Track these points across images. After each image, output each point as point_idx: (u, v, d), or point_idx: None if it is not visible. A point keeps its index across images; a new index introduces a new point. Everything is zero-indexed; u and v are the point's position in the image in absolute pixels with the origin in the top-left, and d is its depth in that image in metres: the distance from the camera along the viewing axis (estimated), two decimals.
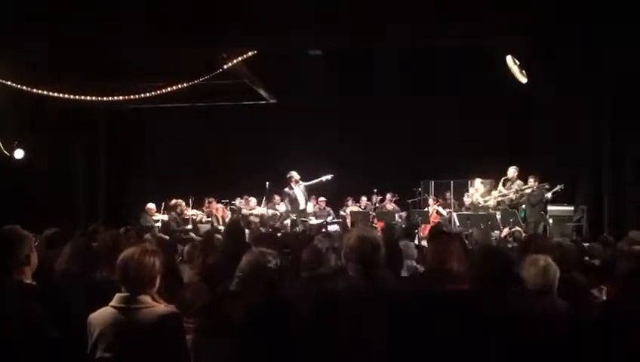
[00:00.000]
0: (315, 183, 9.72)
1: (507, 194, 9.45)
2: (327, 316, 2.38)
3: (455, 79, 9.44)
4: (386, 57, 9.21)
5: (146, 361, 2.35)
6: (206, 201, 10.63)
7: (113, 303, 2.40)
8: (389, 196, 10.96)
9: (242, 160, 11.54)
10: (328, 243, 4.01)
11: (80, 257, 3.07)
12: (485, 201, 9.75)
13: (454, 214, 9.99)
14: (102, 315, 2.39)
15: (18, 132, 8.98)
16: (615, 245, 4.86)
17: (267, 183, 11.00)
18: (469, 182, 10.32)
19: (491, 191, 9.90)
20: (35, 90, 7.68)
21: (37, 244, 2.62)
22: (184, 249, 4.75)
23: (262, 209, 10.91)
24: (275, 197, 11.05)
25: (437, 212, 10.48)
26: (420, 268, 3.96)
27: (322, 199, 11.17)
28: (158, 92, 8.31)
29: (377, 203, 11.15)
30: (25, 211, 7.88)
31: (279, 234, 7.52)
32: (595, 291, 3.41)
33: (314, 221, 10.31)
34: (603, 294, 3.39)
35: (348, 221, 10.38)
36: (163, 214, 10.04)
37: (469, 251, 4.59)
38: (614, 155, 9.01)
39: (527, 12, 6.03)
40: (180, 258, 4.78)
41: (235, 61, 7.49)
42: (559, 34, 6.35)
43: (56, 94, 7.86)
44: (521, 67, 7.01)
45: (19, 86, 7.47)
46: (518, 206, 9.38)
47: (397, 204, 10.99)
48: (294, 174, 9.48)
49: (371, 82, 10.12)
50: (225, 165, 11.66)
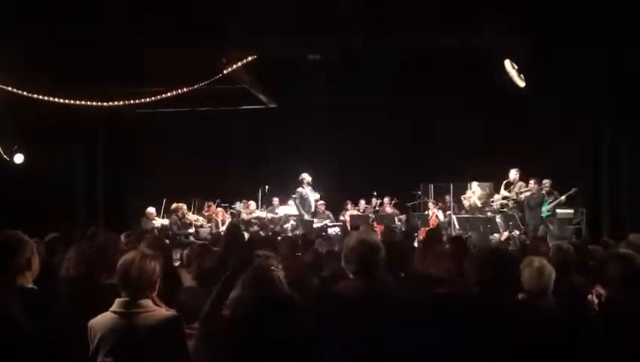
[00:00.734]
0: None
1: (509, 196, 9.47)
2: (328, 319, 2.39)
3: (454, 81, 9.46)
4: (385, 61, 9.24)
5: None
6: (205, 205, 10.65)
7: (114, 308, 2.40)
8: (388, 199, 10.97)
9: (242, 164, 11.56)
10: (328, 246, 4.03)
11: (81, 262, 3.08)
12: (490, 204, 9.75)
13: (454, 217, 10.00)
14: (103, 320, 2.39)
15: (18, 136, 8.99)
16: (614, 248, 4.87)
17: (266, 187, 11.02)
18: (469, 185, 10.33)
19: (492, 194, 9.91)
20: (35, 95, 7.68)
21: (38, 249, 2.61)
22: (184, 253, 4.76)
23: (261, 212, 10.92)
24: (274, 200, 11.06)
25: (436, 215, 10.49)
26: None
27: (321, 203, 11.18)
28: (159, 97, 8.32)
29: (377, 206, 11.16)
30: (25, 215, 7.87)
31: (279, 237, 7.53)
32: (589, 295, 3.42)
33: (315, 224, 10.33)
34: (594, 296, 3.39)
35: (347, 224, 10.39)
36: (163, 218, 10.04)
37: (470, 254, 4.60)
38: (612, 156, 9.02)
39: (527, 12, 6.05)
40: (180, 262, 4.78)
41: (235, 66, 7.51)
42: (559, 34, 6.37)
43: (55, 99, 7.87)
44: (519, 71, 7.03)
45: (18, 91, 7.48)
46: (524, 207, 9.41)
47: (396, 208, 10.99)
48: (306, 176, 9.68)
49: (370, 86, 10.14)
50: (224, 169, 11.67)
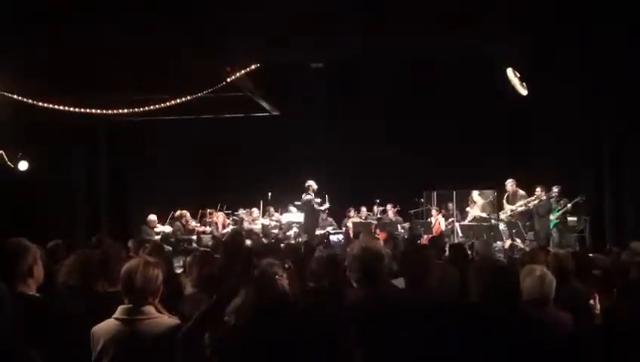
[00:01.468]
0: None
1: (515, 209, 9.42)
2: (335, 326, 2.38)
3: (456, 89, 9.48)
4: (387, 69, 9.27)
5: None
6: (207, 213, 10.65)
7: (117, 315, 2.40)
8: (390, 206, 10.96)
9: (245, 171, 11.57)
10: (324, 253, 4.02)
11: (83, 269, 3.08)
12: (491, 213, 9.72)
13: (457, 225, 9.98)
14: (106, 327, 2.39)
15: (21, 143, 9.02)
16: (619, 256, 4.86)
17: (269, 194, 11.02)
18: (471, 195, 10.29)
19: (494, 202, 9.88)
20: (38, 103, 7.72)
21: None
22: (186, 260, 4.75)
23: (264, 220, 10.92)
24: (270, 208, 11.08)
25: (439, 223, 10.47)
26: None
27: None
28: (162, 105, 8.35)
29: (379, 213, 11.14)
30: (27, 222, 7.89)
31: (282, 245, 7.53)
32: (590, 300, 3.41)
33: (318, 231, 10.32)
34: (597, 303, 3.38)
35: (350, 232, 10.37)
36: (166, 225, 10.05)
37: (472, 262, 4.60)
38: (612, 164, 9.00)
39: (527, 14, 6.07)
40: (183, 269, 4.78)
41: (239, 74, 7.54)
42: (559, 35, 6.37)
43: (58, 107, 7.91)
44: (521, 80, 7.04)
45: (21, 98, 7.52)
46: (531, 215, 9.38)
47: (399, 215, 10.98)
48: (312, 183, 9.69)
49: (372, 94, 10.18)
50: (227, 176, 11.69)
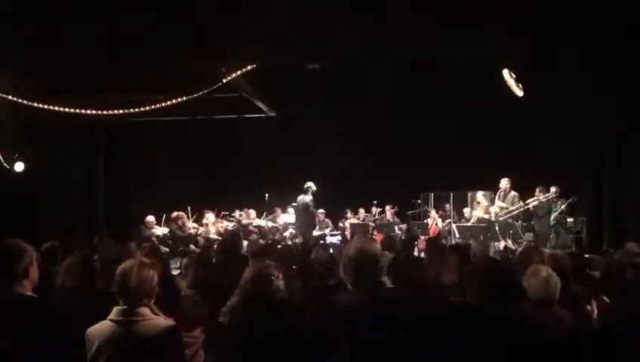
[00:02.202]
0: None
1: (506, 207, 9.43)
2: (332, 328, 2.38)
3: (454, 91, 9.49)
4: (385, 69, 9.28)
5: None
6: (205, 214, 10.63)
7: (111, 316, 2.39)
8: (388, 208, 10.96)
9: (242, 172, 11.56)
10: (325, 254, 4.02)
11: (80, 270, 3.07)
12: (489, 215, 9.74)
13: (454, 226, 9.99)
14: (100, 328, 2.38)
15: (18, 144, 9.00)
16: (613, 256, 4.86)
17: (266, 195, 11.01)
18: (470, 195, 10.31)
19: (493, 202, 9.91)
20: (35, 104, 7.70)
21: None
22: (182, 262, 4.74)
23: (261, 221, 10.91)
24: (277, 209, 11.05)
25: (436, 224, 10.48)
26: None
27: (321, 211, 11.17)
28: (158, 105, 8.34)
29: (377, 214, 11.15)
30: (25, 223, 7.87)
31: (279, 246, 7.51)
32: (587, 306, 3.41)
33: (315, 233, 10.31)
34: (594, 306, 3.38)
35: (347, 233, 10.37)
36: (163, 227, 10.03)
37: (470, 263, 4.59)
38: (612, 166, 9.02)
39: (527, 14, 6.08)
40: (179, 271, 4.77)
41: (235, 75, 7.54)
42: (559, 35, 6.38)
43: (56, 108, 7.89)
44: (517, 80, 7.05)
45: (18, 100, 7.50)
46: (530, 216, 9.38)
47: (396, 216, 10.98)
48: (312, 185, 9.71)
49: (370, 95, 10.18)
50: (225, 177, 11.68)
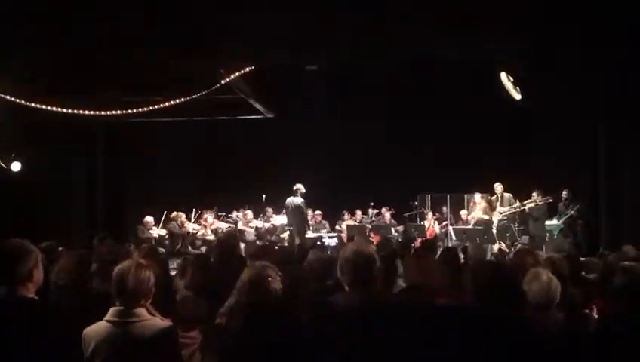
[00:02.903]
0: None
1: (504, 211, 9.46)
2: (329, 330, 2.38)
3: (453, 94, 9.51)
4: (384, 71, 9.29)
5: None
6: (203, 215, 10.63)
7: (108, 317, 2.40)
8: (385, 210, 10.98)
9: (239, 173, 11.56)
10: (322, 256, 4.03)
11: (76, 269, 3.07)
12: (490, 216, 9.76)
13: (450, 228, 10.01)
14: (97, 329, 2.39)
15: (16, 144, 8.98)
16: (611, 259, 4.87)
17: (263, 196, 11.01)
18: (467, 197, 10.33)
19: (492, 205, 9.93)
20: (34, 104, 7.69)
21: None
22: (180, 262, 4.73)
23: (259, 222, 10.90)
24: (268, 209, 11.03)
25: (433, 226, 10.49)
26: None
27: (318, 213, 11.18)
28: (157, 106, 8.34)
29: (374, 216, 11.16)
30: (26, 223, 7.86)
31: (276, 247, 7.51)
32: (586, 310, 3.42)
33: (310, 234, 10.31)
34: (595, 310, 3.39)
35: (344, 234, 10.38)
36: (161, 228, 10.01)
37: (466, 265, 4.61)
38: (610, 169, 9.05)
39: (527, 14, 6.10)
40: (177, 271, 4.77)
41: (233, 76, 7.54)
42: (558, 37, 6.40)
43: (54, 108, 7.88)
44: (515, 84, 7.08)
45: (16, 99, 7.49)
46: (526, 219, 9.40)
47: (393, 218, 11.00)
48: (301, 187, 9.66)
49: (369, 96, 10.20)
50: (222, 178, 11.68)
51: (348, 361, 2.29)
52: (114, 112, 8.54)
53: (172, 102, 8.15)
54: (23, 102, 7.52)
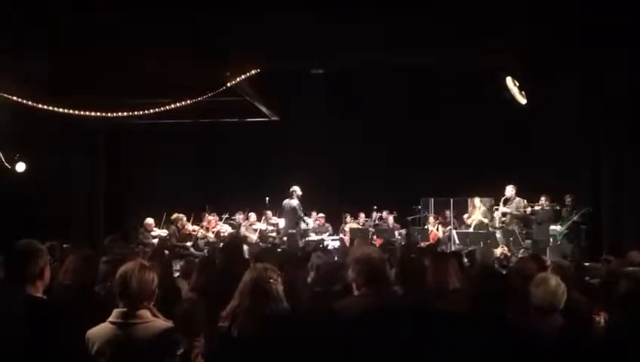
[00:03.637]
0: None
1: (510, 213, 9.43)
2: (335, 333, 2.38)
3: (455, 96, 9.51)
4: (386, 74, 9.30)
5: None
6: (206, 217, 10.64)
7: (111, 318, 2.40)
8: (388, 213, 10.96)
9: (243, 176, 11.57)
10: (326, 259, 4.03)
11: (82, 271, 3.08)
12: (490, 220, 9.73)
13: (454, 232, 9.99)
14: (100, 331, 2.39)
15: (19, 145, 9.01)
16: (610, 264, 4.86)
17: (267, 199, 11.02)
18: (470, 200, 10.32)
19: (492, 209, 9.90)
20: (37, 105, 7.72)
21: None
22: (181, 264, 4.76)
23: (262, 224, 10.90)
24: (268, 212, 11.05)
25: (436, 230, 10.47)
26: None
27: (321, 215, 11.18)
28: (161, 109, 8.35)
29: (376, 219, 11.15)
30: (27, 223, 7.87)
31: (279, 249, 7.53)
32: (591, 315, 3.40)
33: (313, 237, 10.31)
34: (602, 319, 3.37)
35: (347, 237, 10.37)
36: (163, 229, 10.03)
37: (467, 269, 4.60)
38: (613, 173, 9.01)
39: (526, 30, 6.11)
40: (179, 273, 4.78)
41: (238, 79, 7.55)
42: (557, 37, 6.39)
43: (57, 109, 7.90)
44: (520, 88, 7.07)
45: (20, 100, 7.51)
46: (530, 223, 9.37)
47: (396, 221, 10.98)
48: (297, 189, 9.62)
49: (372, 100, 10.21)
50: (226, 181, 11.68)
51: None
52: (119, 115, 8.56)
53: (176, 104, 8.16)
54: (30, 102, 7.54)
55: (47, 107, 7.77)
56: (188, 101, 8.08)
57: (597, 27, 6.00)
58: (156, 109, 8.41)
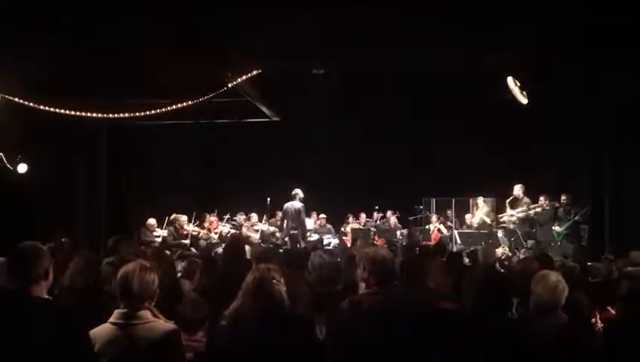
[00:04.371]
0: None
1: (515, 214, 9.42)
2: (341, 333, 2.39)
3: (456, 95, 9.49)
4: (388, 73, 9.29)
5: None
6: (207, 217, 10.64)
7: (113, 319, 2.40)
8: (390, 213, 10.96)
9: (245, 176, 11.58)
10: (326, 259, 4.03)
11: (86, 272, 3.08)
12: (497, 220, 9.71)
13: (455, 232, 9.99)
14: (102, 331, 2.39)
15: (21, 145, 9.02)
16: (616, 264, 4.85)
17: (268, 199, 11.02)
18: (472, 200, 10.32)
19: (494, 209, 9.89)
20: (39, 106, 7.72)
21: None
22: (182, 265, 4.76)
23: (263, 225, 10.91)
24: (278, 213, 11.05)
25: (438, 230, 10.47)
26: None
27: (323, 216, 11.18)
28: (162, 109, 8.36)
29: (378, 220, 11.15)
30: (28, 224, 7.88)
31: (281, 250, 7.52)
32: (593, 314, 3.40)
33: (314, 237, 10.31)
34: (603, 318, 3.37)
35: (349, 238, 10.37)
36: (164, 229, 10.03)
37: (468, 269, 4.60)
38: (614, 173, 9.00)
39: (527, 30, 6.11)
40: (180, 274, 4.78)
41: (240, 80, 7.56)
42: (559, 54, 6.40)
43: (58, 110, 7.91)
44: (521, 88, 7.07)
45: (21, 100, 7.52)
46: (534, 223, 9.35)
47: (398, 221, 10.98)
48: (299, 192, 9.64)
49: (373, 100, 10.20)
50: (227, 181, 11.69)
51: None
52: (120, 115, 8.56)
53: (177, 105, 8.16)
54: (31, 103, 7.54)
55: (47, 108, 7.77)
56: (189, 102, 8.08)
57: (597, 27, 6.00)
58: (157, 110, 8.41)
